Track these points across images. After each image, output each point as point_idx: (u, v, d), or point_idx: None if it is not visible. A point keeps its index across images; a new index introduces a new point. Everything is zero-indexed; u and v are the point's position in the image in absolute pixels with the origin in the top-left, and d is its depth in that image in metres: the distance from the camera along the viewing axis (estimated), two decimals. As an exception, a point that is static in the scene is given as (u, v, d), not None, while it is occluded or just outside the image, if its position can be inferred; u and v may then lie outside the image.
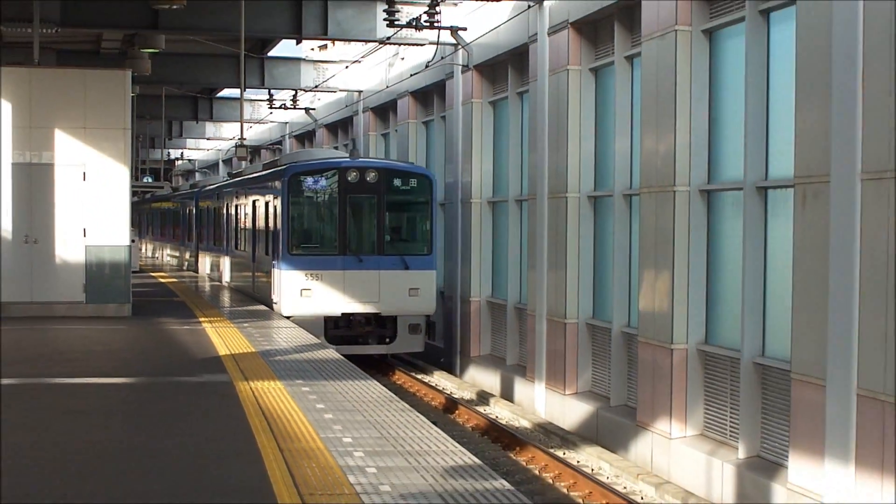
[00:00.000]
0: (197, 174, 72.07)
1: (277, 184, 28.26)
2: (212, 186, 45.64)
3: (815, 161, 14.56)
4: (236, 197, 36.49)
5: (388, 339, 27.89)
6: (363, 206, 28.09)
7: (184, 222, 50.99)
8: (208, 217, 43.74)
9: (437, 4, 24.77)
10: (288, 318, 26.18)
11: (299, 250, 27.60)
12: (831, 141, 14.07)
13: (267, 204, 29.80)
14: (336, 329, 27.21)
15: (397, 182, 28.22)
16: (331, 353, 19.91)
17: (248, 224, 33.46)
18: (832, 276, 14.08)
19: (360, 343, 27.59)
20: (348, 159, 28.56)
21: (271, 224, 29.06)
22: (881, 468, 13.25)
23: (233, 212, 37.05)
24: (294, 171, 27.99)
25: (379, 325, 27.77)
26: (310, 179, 27.97)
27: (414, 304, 27.76)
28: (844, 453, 13.79)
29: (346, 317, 27.36)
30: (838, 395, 13.94)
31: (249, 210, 33.30)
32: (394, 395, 15.08)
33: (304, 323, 25.34)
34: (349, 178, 27.47)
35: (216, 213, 41.38)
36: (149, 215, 67.20)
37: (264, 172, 32.79)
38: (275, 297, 28.29)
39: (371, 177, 27.66)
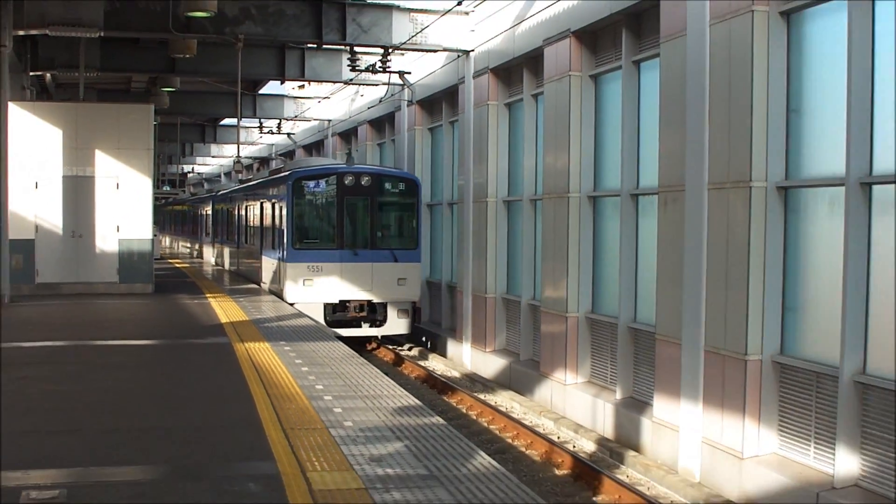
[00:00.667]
0: (205, 184, 71.38)
1: (283, 187, 25.74)
2: (225, 191, 42.86)
3: (673, 174, 14.74)
4: (246, 199, 33.54)
5: (379, 323, 25.51)
6: (358, 206, 25.55)
7: (199, 220, 50.08)
8: (222, 216, 41.13)
9: (388, 54, 24.75)
10: (292, 304, 23.89)
11: (302, 245, 25.10)
12: (686, 159, 14.24)
13: (273, 205, 27.41)
14: (334, 314, 24.93)
15: (388, 185, 25.85)
16: (306, 320, 19.85)
17: (257, 222, 30.79)
18: (686, 261, 14.26)
19: (355, 326, 25.23)
20: (345, 165, 26.37)
21: (278, 222, 26.55)
22: (721, 405, 13.47)
23: (243, 212, 34.26)
24: (297, 175, 25.64)
25: (371, 311, 25.34)
26: (311, 183, 25.56)
27: (402, 292, 25.51)
28: (695, 394, 13.99)
29: (343, 303, 24.99)
30: (690, 350, 14.13)
31: (258, 210, 30.54)
32: (355, 353, 15.07)
33: (306, 308, 23.44)
34: (346, 182, 25.22)
35: (229, 213, 38.63)
36: (170, 215, 66.65)
37: (271, 178, 30.06)
38: (280, 286, 25.78)
39: (365, 181, 25.40)
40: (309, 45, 27.11)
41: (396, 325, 25.74)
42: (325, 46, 26.65)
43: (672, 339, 14.72)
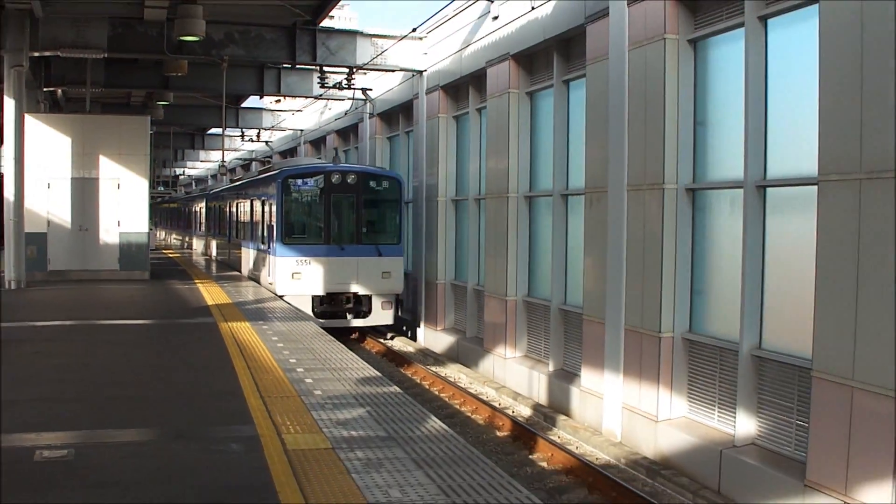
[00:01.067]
0: (193, 184, 70.60)
1: (273, 185, 23.08)
2: (217, 189, 39.31)
3: (598, 178, 14.77)
4: (237, 197, 30.80)
5: (364, 314, 23.08)
6: (344, 203, 22.99)
7: (189, 216, 49.30)
8: (214, 212, 38.20)
9: (353, 73, 24.67)
10: (281, 297, 21.65)
11: (291, 240, 22.41)
12: (608, 165, 14.29)
13: (263, 202, 24.71)
14: (321, 306, 22.55)
15: (372, 183, 23.25)
16: (281, 303, 19.71)
17: (247, 218, 28.06)
18: (608, 252, 14.31)
19: (342, 317, 22.90)
20: (332, 164, 23.98)
21: (268, 218, 23.85)
22: (639, 375, 13.55)
23: (234, 209, 31.49)
24: (287, 174, 22.96)
25: (357, 303, 22.90)
26: (300, 181, 22.85)
27: (386, 285, 22.97)
28: (616, 366, 14.06)
29: (330, 295, 22.55)
30: (613, 329, 14.18)
31: (248, 207, 27.97)
32: (323, 331, 15.01)
33: (294, 300, 21.43)
34: (333, 180, 22.62)
35: (220, 210, 35.90)
36: (164, 211, 65.90)
37: (262, 176, 27.04)
38: (269, 279, 23.27)
39: (351, 179, 22.75)
40: (284, 65, 26.92)
41: (381, 316, 23.34)
42: (298, 66, 26.46)
43: (597, 319, 14.77)
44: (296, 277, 22.28)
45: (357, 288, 22.93)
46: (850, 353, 9.54)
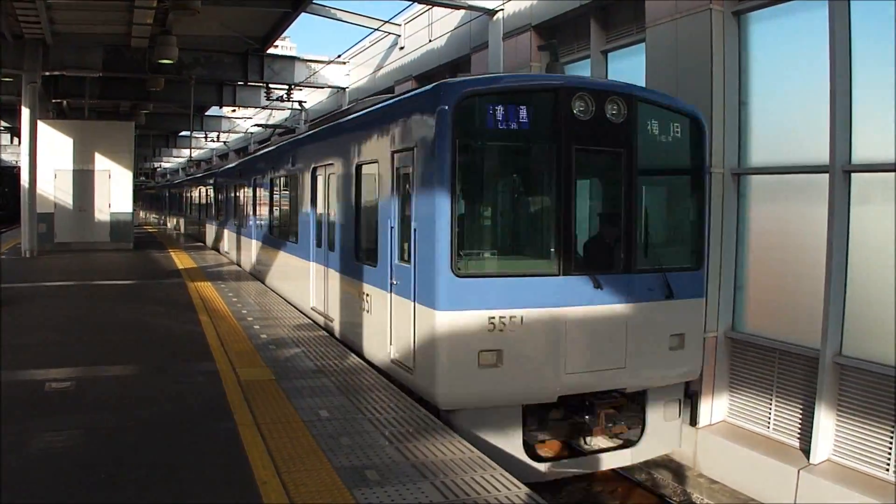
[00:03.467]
0: (167, 175, 68.26)
1: (416, 122, 6.39)
2: (226, 166, 23.04)
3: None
4: (265, 168, 14.80)
5: (627, 440, 7.32)
6: (601, 172, 6.94)
7: (166, 200, 46.89)
8: (225, 197, 21.42)
9: (291, 89, 24.21)
10: (447, 412, 6.56)
11: (477, 266, 6.03)
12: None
13: (359, 170, 8.33)
14: (540, 426, 6.69)
15: (653, 125, 6.63)
16: (235, 266, 19.16)
17: (293, 207, 12.29)
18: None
19: (581, 454, 7.14)
20: (561, 77, 7.49)
21: (393, 206, 7.14)
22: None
23: (265, 192, 14.85)
24: (463, 90, 5.99)
25: (616, 408, 6.97)
26: (499, 109, 5.64)
27: (675, 365, 7.11)
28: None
29: (564, 401, 6.63)
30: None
31: (308, 184, 10.98)
32: (268, 289, 14.69)
33: (480, 420, 6.51)
34: (575, 112, 6.20)
35: (235, 193, 19.19)
36: (146, 196, 63.00)
37: (368, 110, 8.48)
38: (393, 353, 7.37)
39: (613, 112, 6.43)
40: (239, 83, 26.37)
41: (662, 434, 7.44)
42: (249, 84, 25.87)
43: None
44: (485, 364, 6.48)
45: (626, 378, 7.11)
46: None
